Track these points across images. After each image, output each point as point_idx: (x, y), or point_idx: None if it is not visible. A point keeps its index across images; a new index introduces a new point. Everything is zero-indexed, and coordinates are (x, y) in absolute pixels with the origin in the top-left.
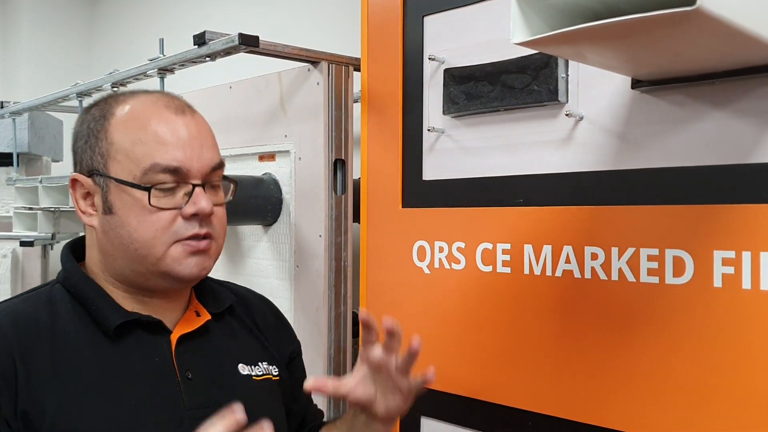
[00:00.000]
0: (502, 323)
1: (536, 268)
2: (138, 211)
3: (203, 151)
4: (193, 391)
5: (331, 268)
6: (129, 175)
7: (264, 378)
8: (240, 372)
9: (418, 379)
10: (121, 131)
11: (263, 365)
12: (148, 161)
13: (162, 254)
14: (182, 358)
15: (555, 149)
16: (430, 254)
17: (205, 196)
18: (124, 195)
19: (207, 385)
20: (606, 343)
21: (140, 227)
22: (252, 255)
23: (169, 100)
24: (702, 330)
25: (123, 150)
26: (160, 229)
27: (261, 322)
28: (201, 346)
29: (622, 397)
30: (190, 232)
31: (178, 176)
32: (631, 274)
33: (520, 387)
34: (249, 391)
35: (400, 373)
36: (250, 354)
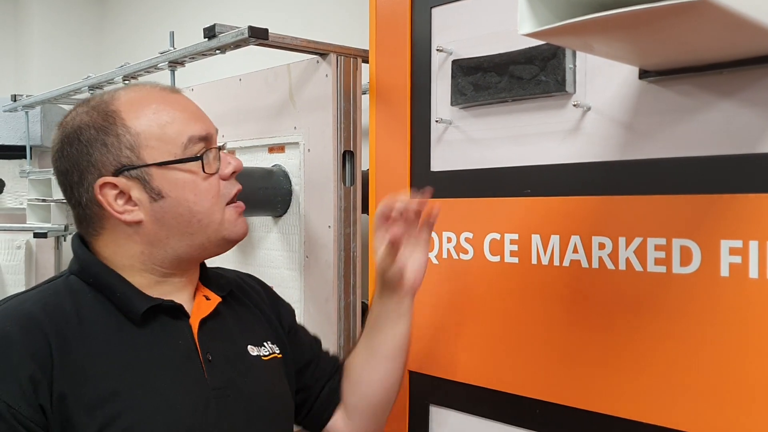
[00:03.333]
0: (510, 312)
1: (544, 258)
2: (191, 185)
3: (207, 118)
4: (214, 373)
5: (340, 258)
6: (169, 155)
7: (271, 357)
8: (250, 353)
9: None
10: (143, 120)
11: (268, 345)
12: (185, 136)
13: (221, 219)
14: (203, 341)
15: (562, 140)
16: (438, 244)
17: (230, 154)
18: (172, 175)
19: (225, 366)
20: (613, 332)
21: (198, 199)
22: (262, 246)
23: (156, 85)
24: (709, 319)
25: (153, 135)
26: (215, 194)
27: (258, 301)
28: (217, 329)
29: (629, 385)
30: (234, 191)
31: (208, 143)
32: (639, 264)
33: (527, 376)
34: (261, 371)
35: (420, 232)
36: (255, 335)
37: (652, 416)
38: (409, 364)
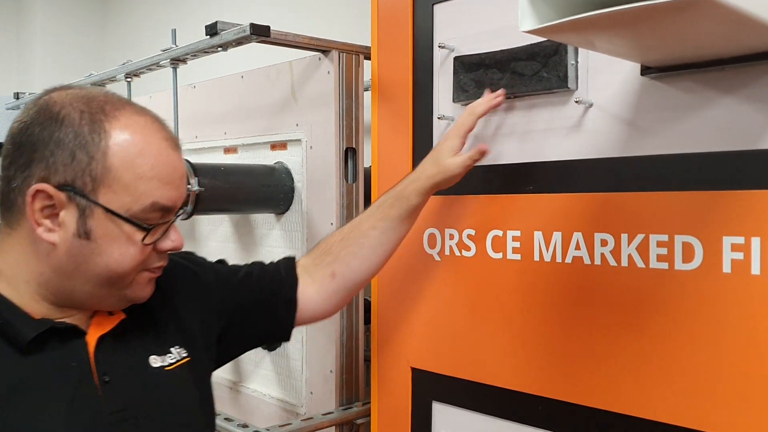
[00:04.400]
0: (512, 309)
1: (546, 255)
2: (123, 243)
3: (185, 186)
4: (112, 394)
5: None
6: (122, 208)
7: (176, 366)
8: (152, 366)
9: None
10: (123, 161)
11: (175, 351)
12: (149, 200)
13: (131, 282)
14: (100, 360)
15: (565, 136)
16: (440, 241)
17: (177, 229)
18: (112, 225)
19: (124, 386)
20: (615, 329)
21: (122, 259)
22: (265, 243)
23: (163, 129)
24: (711, 316)
25: (122, 181)
26: (140, 262)
27: (175, 294)
28: (117, 345)
29: (631, 382)
30: (159, 264)
31: (166, 214)
32: (641, 260)
33: (530, 372)
34: (163, 385)
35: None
36: (162, 342)
37: (655, 413)
38: (411, 361)
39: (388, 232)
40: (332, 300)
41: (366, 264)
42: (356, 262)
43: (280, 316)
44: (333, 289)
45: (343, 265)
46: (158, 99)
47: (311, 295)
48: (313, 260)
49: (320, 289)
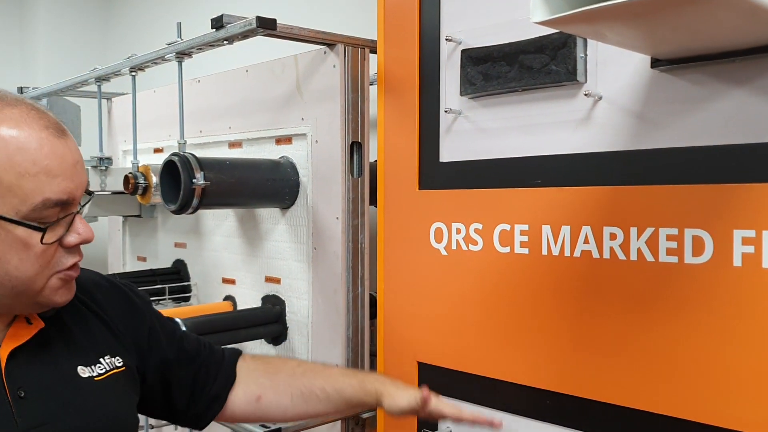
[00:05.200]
0: (520, 304)
1: (554, 249)
2: (20, 249)
3: (83, 174)
4: (27, 411)
5: (348, 250)
6: (12, 210)
7: (108, 375)
8: (80, 375)
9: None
10: (1, 162)
11: (105, 361)
12: (38, 197)
13: (41, 287)
14: (12, 375)
15: (573, 129)
16: (447, 236)
17: (83, 221)
18: (3, 232)
19: (43, 400)
20: (624, 323)
21: (22, 265)
22: (270, 238)
23: (42, 117)
24: (722, 309)
25: (4, 183)
26: (44, 264)
27: (110, 309)
28: (34, 358)
29: (641, 376)
30: (71, 263)
31: (65, 208)
32: (650, 254)
33: (537, 367)
34: (91, 396)
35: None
36: (90, 351)
37: (664, 407)
38: (418, 355)
39: (330, 402)
40: (244, 415)
41: (293, 412)
42: (287, 404)
43: (201, 404)
44: (251, 408)
45: (273, 397)
46: (162, 94)
47: (232, 399)
48: (255, 369)
49: (242, 398)
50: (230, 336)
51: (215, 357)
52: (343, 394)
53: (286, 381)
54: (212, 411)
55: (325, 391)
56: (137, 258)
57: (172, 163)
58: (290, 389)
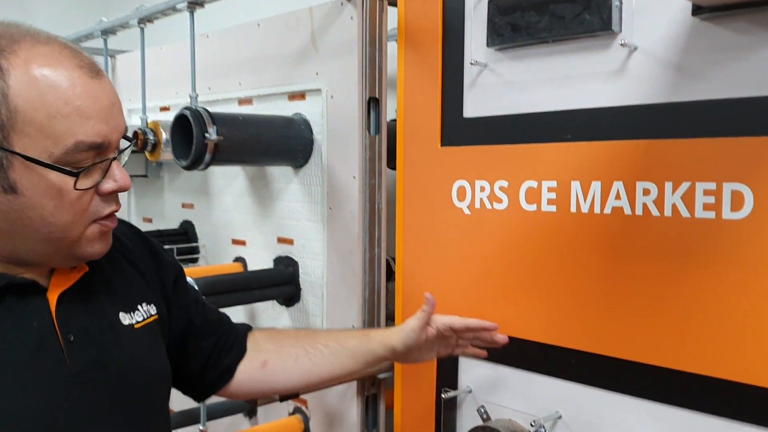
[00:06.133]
0: (546, 263)
1: (584, 206)
2: (55, 194)
3: (119, 117)
4: (76, 354)
5: (365, 210)
6: (44, 153)
7: (145, 323)
8: (122, 323)
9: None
10: (31, 99)
11: (143, 308)
12: (71, 139)
13: (79, 236)
14: (63, 318)
15: (607, 82)
16: (470, 194)
17: (121, 168)
18: (37, 175)
19: (89, 345)
20: (657, 281)
21: (57, 212)
22: (282, 197)
23: (76, 55)
24: (761, 265)
25: (35, 123)
26: (80, 211)
27: (138, 256)
28: (81, 303)
29: (673, 335)
30: (108, 211)
31: (100, 152)
32: (686, 210)
33: (563, 326)
34: (132, 344)
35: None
36: (129, 298)
37: (700, 366)
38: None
39: (335, 357)
40: (251, 386)
41: (298, 374)
42: (292, 366)
43: (211, 375)
44: (257, 377)
45: (280, 362)
46: (169, 51)
47: (239, 371)
48: (261, 338)
49: (248, 367)
50: (243, 296)
51: (231, 331)
52: (347, 345)
53: (290, 343)
54: (220, 383)
55: (329, 345)
56: (143, 219)
57: (183, 117)
58: (294, 350)
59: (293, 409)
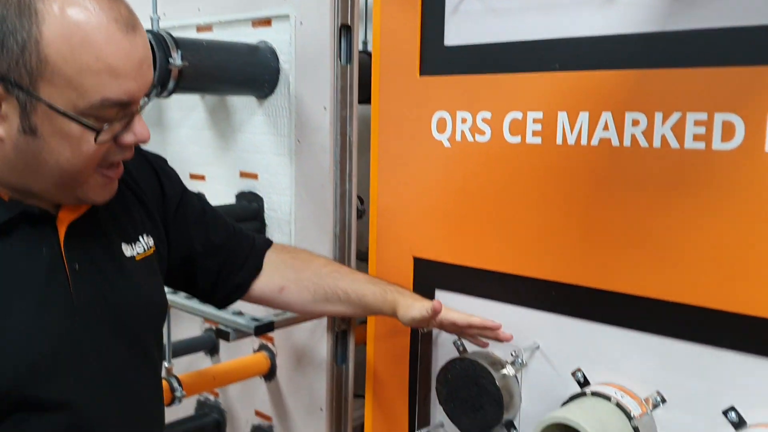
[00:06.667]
0: (530, 196)
1: (570, 138)
2: (74, 143)
3: (149, 73)
4: (80, 284)
5: (336, 143)
6: (69, 104)
7: (145, 256)
8: (124, 254)
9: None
10: (63, 51)
11: (143, 240)
12: (97, 96)
13: (85, 181)
14: (70, 248)
15: (597, 8)
16: (451, 126)
17: (142, 120)
18: (59, 123)
19: (93, 275)
20: (645, 213)
21: (74, 158)
22: (245, 130)
23: (113, 7)
24: (750, 197)
25: (64, 75)
26: (94, 159)
27: (144, 185)
28: (87, 233)
29: (663, 266)
30: (118, 158)
31: (124, 109)
32: (675, 141)
33: (546, 258)
34: (132, 276)
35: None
36: (131, 229)
37: (689, 296)
38: (414, 251)
39: (349, 305)
40: (266, 302)
41: (311, 307)
42: (308, 299)
43: (224, 290)
44: (272, 297)
45: (296, 291)
46: None
47: (255, 287)
48: (282, 261)
49: (264, 288)
50: None
51: (244, 246)
52: (364, 300)
53: (310, 279)
54: (233, 297)
55: (348, 295)
56: None
57: None
58: (314, 287)
59: (258, 346)
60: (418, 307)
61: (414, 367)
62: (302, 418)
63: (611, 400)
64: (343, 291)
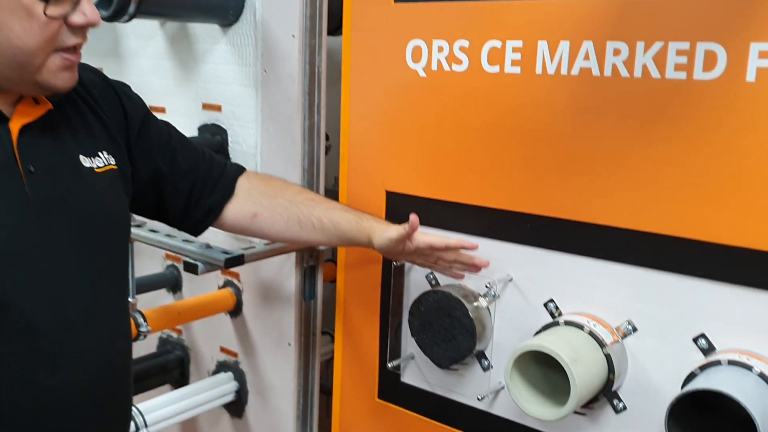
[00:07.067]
0: (507, 127)
1: (550, 67)
2: (24, 17)
3: None
4: (36, 185)
5: (305, 73)
6: None
7: (105, 170)
8: (82, 164)
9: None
10: None
11: (103, 155)
12: None
13: (40, 64)
14: (24, 149)
15: None
16: (427, 55)
17: (91, 4)
18: None
19: (51, 178)
20: (623, 143)
21: (25, 35)
22: (208, 60)
23: None
24: (731, 127)
25: None
26: (47, 39)
27: (105, 107)
28: (43, 138)
29: (640, 195)
30: (73, 42)
31: None
32: (656, 71)
33: (523, 191)
34: (92, 185)
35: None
36: (90, 144)
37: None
38: (386, 184)
39: (324, 233)
40: (240, 229)
41: (284, 234)
42: (281, 226)
43: (196, 215)
44: (246, 223)
45: (269, 217)
46: None
47: (228, 213)
48: (255, 188)
49: (237, 214)
50: None
51: (214, 170)
52: (339, 227)
53: (283, 205)
54: (206, 222)
55: (322, 222)
56: None
57: None
58: (287, 213)
59: (224, 282)
60: (395, 227)
61: (385, 300)
62: (270, 353)
63: (584, 329)
64: (317, 218)
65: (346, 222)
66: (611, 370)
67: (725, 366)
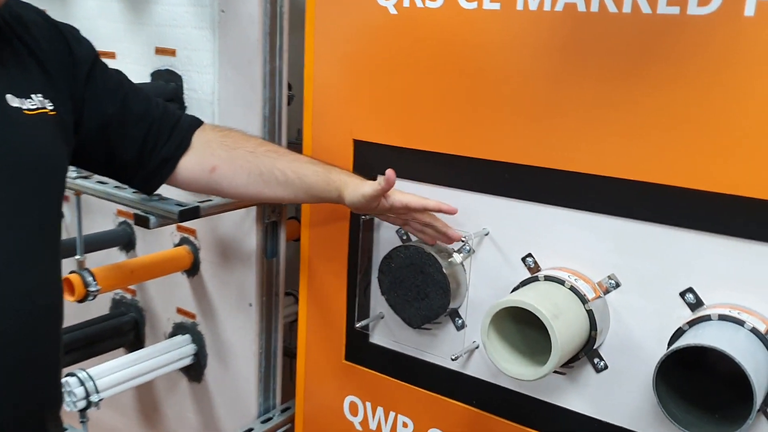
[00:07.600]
0: (485, 69)
1: (532, 3)
2: None
3: None
4: None
5: (266, 12)
6: None
7: (38, 112)
8: (9, 104)
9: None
10: None
11: (37, 98)
12: None
13: None
14: None
15: None
16: None
17: None
18: None
19: None
20: (614, 85)
21: None
22: (160, 1)
23: None
24: (728, 65)
25: None
26: None
27: (47, 49)
28: None
29: (622, 141)
30: None
31: None
32: (647, 5)
33: (503, 139)
34: (19, 127)
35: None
36: (22, 85)
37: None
38: (354, 133)
39: (288, 187)
40: (196, 185)
41: (245, 189)
42: (242, 180)
43: (149, 165)
44: (204, 178)
45: (230, 171)
46: None
47: (183, 166)
48: (213, 140)
49: (194, 168)
50: None
51: (168, 120)
52: (305, 180)
53: (244, 157)
54: (160, 175)
55: (286, 174)
56: None
57: None
58: (248, 166)
59: (179, 239)
60: (369, 183)
61: (353, 257)
62: (230, 314)
63: (565, 284)
64: (281, 171)
65: (314, 174)
66: (593, 326)
67: (715, 321)
